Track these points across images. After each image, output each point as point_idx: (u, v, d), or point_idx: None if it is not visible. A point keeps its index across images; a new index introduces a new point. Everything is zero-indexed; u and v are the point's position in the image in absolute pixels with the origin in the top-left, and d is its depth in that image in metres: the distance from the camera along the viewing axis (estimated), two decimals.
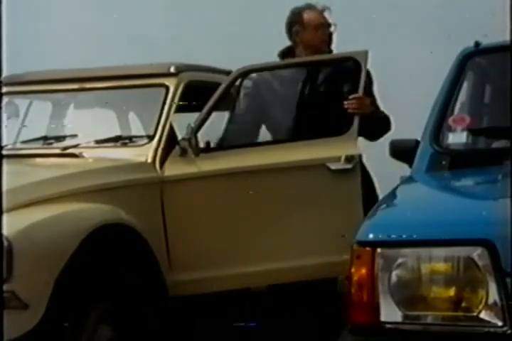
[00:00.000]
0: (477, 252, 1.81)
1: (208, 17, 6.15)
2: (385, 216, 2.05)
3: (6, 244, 2.53)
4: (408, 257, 1.87)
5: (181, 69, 3.66)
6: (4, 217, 2.62)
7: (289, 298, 4.28)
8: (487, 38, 2.85)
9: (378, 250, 1.88)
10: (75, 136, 3.65)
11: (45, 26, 6.31)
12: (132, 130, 3.97)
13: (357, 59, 3.42)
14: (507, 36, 2.21)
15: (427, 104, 2.81)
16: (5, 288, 2.51)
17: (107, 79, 3.70)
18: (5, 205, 2.67)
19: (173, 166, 3.39)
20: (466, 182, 2.46)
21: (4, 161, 3.34)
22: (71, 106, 4.02)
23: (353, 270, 1.92)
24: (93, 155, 3.44)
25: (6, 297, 2.52)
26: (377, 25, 3.63)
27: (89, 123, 3.75)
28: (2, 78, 3.87)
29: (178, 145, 3.37)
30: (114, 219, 2.96)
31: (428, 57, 4.81)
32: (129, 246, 3.00)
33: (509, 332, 1.77)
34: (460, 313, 1.83)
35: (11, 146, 3.66)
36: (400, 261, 1.87)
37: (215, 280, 3.37)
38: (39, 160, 3.57)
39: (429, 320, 1.85)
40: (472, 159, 2.53)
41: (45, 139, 3.71)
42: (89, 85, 3.73)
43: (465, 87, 2.88)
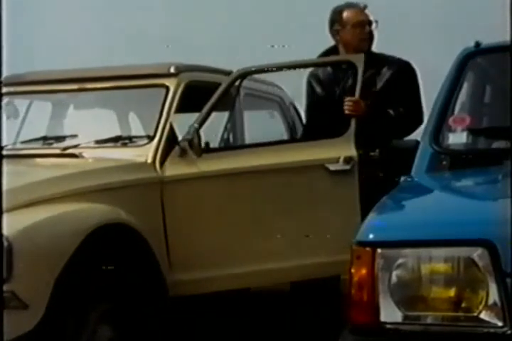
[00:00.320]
0: (477, 252, 1.80)
1: (208, 17, 6.16)
2: (385, 216, 2.04)
3: (6, 244, 2.52)
4: (408, 257, 1.86)
5: (181, 70, 3.65)
6: (4, 217, 2.62)
7: (290, 298, 4.28)
8: (487, 38, 2.85)
9: (378, 250, 1.88)
10: (75, 136, 3.65)
11: (46, 26, 6.31)
12: (132, 130, 3.97)
13: (353, 62, 3.50)
14: (507, 36, 2.21)
15: (427, 104, 2.81)
16: (5, 288, 2.50)
17: (107, 80, 3.69)
18: (5, 205, 2.67)
19: (173, 166, 3.39)
20: (466, 182, 2.46)
21: (4, 161, 3.34)
22: (71, 107, 4.02)
23: (353, 270, 1.92)
24: (93, 156, 3.44)
25: (6, 297, 2.51)
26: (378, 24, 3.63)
27: (89, 123, 3.75)
28: (2, 78, 3.88)
29: (178, 146, 3.37)
30: (114, 219, 2.96)
31: (428, 57, 4.82)
32: (129, 246, 3.00)
33: (509, 332, 1.77)
34: (460, 313, 1.82)
35: (11, 146, 3.66)
36: (400, 261, 1.87)
37: (215, 280, 3.39)
38: (39, 160, 3.57)
39: (429, 320, 1.85)
40: (472, 159, 2.52)
41: (45, 139, 3.71)
42: (89, 85, 3.73)
43: (465, 87, 2.88)
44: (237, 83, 3.56)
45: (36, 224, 2.69)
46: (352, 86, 3.45)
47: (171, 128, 3.51)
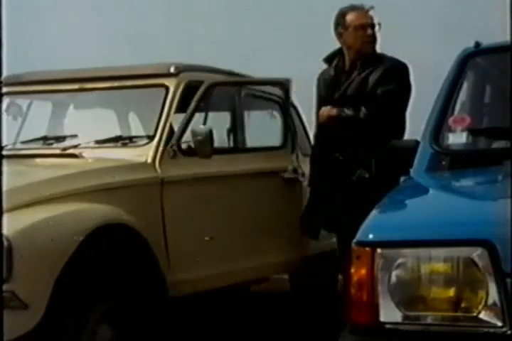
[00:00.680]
0: (477, 252, 1.80)
1: (208, 17, 6.16)
2: (384, 216, 2.04)
3: (6, 243, 2.52)
4: (408, 257, 1.86)
5: (181, 70, 3.65)
6: (4, 217, 2.62)
7: (290, 298, 4.28)
8: (487, 38, 2.84)
9: (378, 250, 1.88)
10: (75, 136, 3.65)
11: (46, 26, 6.31)
12: (132, 130, 3.97)
13: (285, 84, 3.76)
14: (507, 36, 2.20)
15: (427, 104, 2.81)
16: (5, 288, 2.50)
17: (107, 80, 3.69)
18: (5, 205, 2.66)
19: (173, 166, 3.39)
20: (466, 182, 2.46)
21: (4, 161, 3.34)
22: (71, 107, 4.02)
23: (352, 270, 1.92)
24: (93, 156, 3.44)
25: (6, 297, 2.50)
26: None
27: (90, 123, 3.75)
28: (2, 78, 3.88)
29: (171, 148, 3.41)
30: (114, 220, 2.96)
31: (428, 57, 4.82)
32: (129, 246, 2.99)
33: (509, 332, 1.77)
34: (460, 314, 1.82)
35: (11, 146, 3.66)
36: (400, 261, 1.87)
37: (211, 277, 3.45)
38: (39, 160, 3.57)
39: (429, 320, 1.85)
40: (472, 159, 2.52)
41: (45, 139, 3.71)
42: (89, 85, 3.73)
43: (465, 87, 2.88)
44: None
45: (36, 224, 2.69)
46: (349, 86, 3.52)
47: (171, 128, 3.51)
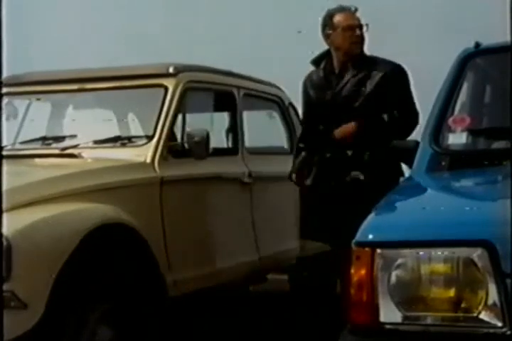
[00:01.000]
0: (477, 253, 1.80)
1: (208, 17, 6.15)
2: (384, 216, 2.04)
3: (5, 243, 2.52)
4: (408, 258, 1.86)
5: (180, 70, 3.65)
6: (4, 217, 2.62)
7: (289, 298, 4.28)
8: (487, 38, 2.84)
9: (378, 250, 1.88)
10: (74, 136, 3.66)
11: (46, 26, 6.31)
12: (131, 130, 3.97)
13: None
14: (507, 36, 2.20)
15: (426, 104, 2.81)
16: (4, 287, 2.49)
17: (106, 80, 3.69)
18: (4, 205, 2.66)
19: (172, 166, 3.40)
20: (465, 182, 2.46)
21: (4, 162, 3.34)
22: (70, 107, 4.02)
23: (352, 270, 1.91)
24: (92, 156, 3.44)
25: (6, 296, 2.50)
26: (377, 25, 3.61)
27: (89, 123, 3.75)
28: (2, 79, 3.88)
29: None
30: (113, 219, 2.95)
31: (428, 58, 4.82)
32: (128, 246, 2.99)
33: (509, 332, 1.77)
34: (460, 314, 1.82)
35: (10, 147, 3.66)
36: (400, 261, 1.87)
37: (210, 275, 3.48)
38: (38, 160, 3.57)
39: (429, 320, 1.85)
40: (472, 160, 2.52)
41: (44, 140, 3.71)
42: (88, 86, 3.72)
43: (465, 88, 2.87)
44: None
45: (35, 224, 2.69)
46: (343, 89, 3.47)
47: (170, 128, 3.51)
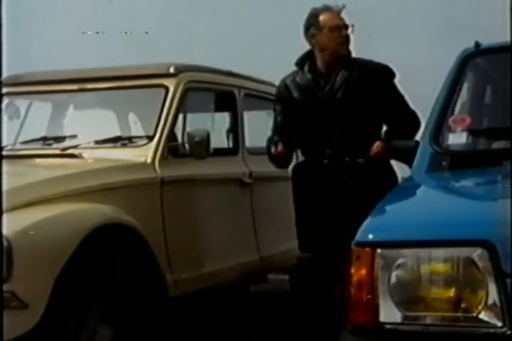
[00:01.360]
0: (477, 253, 1.80)
1: (208, 17, 6.15)
2: (384, 216, 2.04)
3: (5, 243, 2.52)
4: (408, 258, 1.86)
5: (181, 70, 3.66)
6: (4, 217, 2.62)
7: (288, 299, 4.28)
8: (488, 39, 2.84)
9: (378, 250, 1.88)
10: (74, 136, 3.66)
11: (45, 26, 6.31)
12: (132, 130, 3.98)
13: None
14: (507, 36, 2.20)
15: (426, 104, 2.81)
16: (5, 288, 2.50)
17: (106, 80, 3.70)
18: (5, 205, 2.67)
19: (173, 167, 3.40)
20: (466, 182, 2.46)
21: (4, 162, 3.34)
22: (71, 107, 4.02)
23: (352, 270, 1.91)
24: (93, 156, 3.44)
25: (6, 297, 2.50)
26: (379, 24, 3.60)
27: (89, 123, 3.75)
28: (2, 79, 3.88)
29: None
30: (113, 220, 2.96)
31: (428, 58, 4.82)
32: (129, 246, 3.00)
33: (509, 332, 1.77)
34: (460, 314, 1.82)
35: (10, 147, 3.67)
36: (400, 261, 1.87)
37: (210, 275, 3.49)
38: (39, 160, 3.57)
39: (429, 320, 1.85)
40: (472, 160, 2.52)
41: (44, 140, 3.72)
42: (88, 86, 3.73)
43: (465, 88, 2.87)
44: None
45: (36, 224, 2.69)
46: (337, 90, 3.36)
47: (171, 128, 3.51)
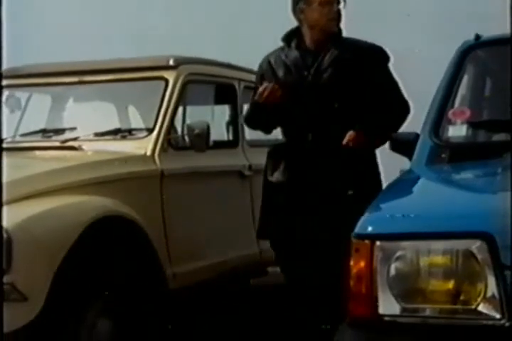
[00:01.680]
0: (476, 245, 1.80)
1: (209, 10, 6.14)
2: (384, 209, 2.04)
3: (5, 236, 2.53)
4: (407, 250, 1.86)
5: (180, 62, 3.65)
6: (4, 210, 2.62)
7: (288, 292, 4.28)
8: (488, 31, 2.83)
9: (377, 243, 1.88)
10: (74, 128, 3.66)
11: (46, 21, 6.29)
12: (132, 123, 3.97)
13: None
14: (507, 29, 2.20)
15: (427, 97, 2.80)
16: (4, 280, 2.50)
17: (106, 72, 3.69)
18: (5, 198, 2.67)
19: (172, 159, 3.40)
20: (465, 175, 2.46)
21: (4, 154, 3.34)
22: (70, 99, 4.02)
23: (351, 263, 1.91)
24: (92, 148, 3.44)
25: (6, 289, 2.51)
26: (378, 16, 3.58)
27: (89, 116, 3.75)
28: (2, 71, 3.87)
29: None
30: (113, 212, 2.96)
31: (429, 50, 4.80)
32: (129, 239, 3.00)
33: (507, 324, 1.77)
34: (458, 306, 1.82)
35: (10, 139, 3.67)
36: (399, 253, 1.87)
37: (209, 268, 3.49)
38: (38, 152, 3.57)
39: (428, 312, 1.85)
40: (472, 152, 2.52)
41: (44, 132, 3.72)
42: (88, 78, 3.72)
43: (465, 80, 2.87)
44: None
45: (35, 217, 2.69)
46: (325, 70, 3.09)
47: (171, 121, 3.51)
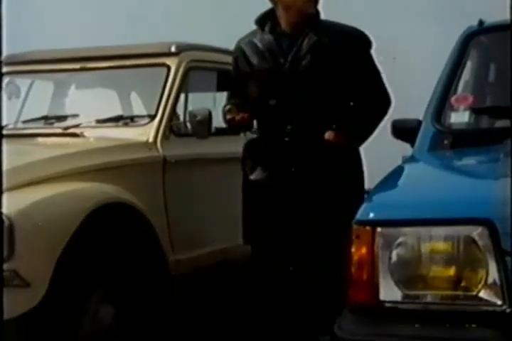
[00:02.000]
0: (477, 231, 1.80)
1: (208, 13, 6.09)
2: (385, 195, 2.04)
3: (7, 222, 2.53)
4: (408, 236, 1.86)
5: (182, 49, 3.64)
6: (5, 196, 2.63)
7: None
8: (490, 17, 2.82)
9: (378, 229, 1.88)
10: (76, 115, 3.65)
11: (46, 21, 6.26)
12: (134, 110, 3.97)
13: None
14: (507, 14, 2.18)
15: (430, 83, 2.79)
16: (7, 266, 2.51)
17: (108, 59, 3.68)
18: (6, 184, 2.67)
19: (174, 146, 3.40)
20: (467, 161, 2.45)
21: (5, 141, 3.34)
22: (73, 86, 4.01)
23: (353, 249, 1.92)
24: (94, 135, 3.44)
25: (8, 275, 2.52)
26: (380, 3, 3.56)
27: (91, 102, 3.74)
28: (3, 58, 3.86)
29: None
30: (115, 199, 2.96)
31: (431, 36, 4.78)
32: (131, 226, 3.00)
33: (508, 310, 1.77)
34: (459, 292, 1.83)
35: (12, 126, 3.67)
36: (400, 240, 1.87)
37: (210, 255, 3.48)
38: (40, 139, 3.57)
39: (429, 299, 1.85)
40: (474, 138, 2.51)
41: (46, 119, 3.71)
42: (90, 65, 3.71)
43: (468, 66, 2.85)
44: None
45: (37, 203, 2.70)
46: (303, 56, 2.87)
47: (173, 107, 3.50)
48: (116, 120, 3.55)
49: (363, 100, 2.94)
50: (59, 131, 3.53)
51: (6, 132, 3.55)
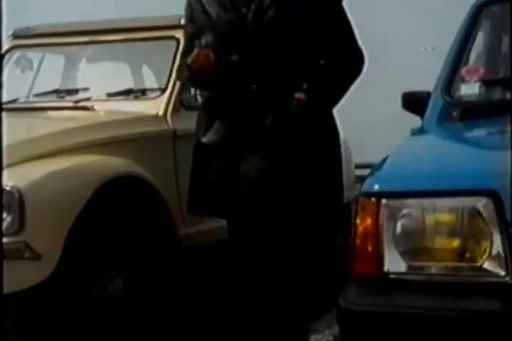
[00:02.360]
0: (482, 203, 1.80)
1: None
2: (391, 167, 2.03)
3: (17, 195, 2.55)
4: (413, 208, 1.86)
5: None
6: (16, 169, 2.65)
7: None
8: None
9: (383, 201, 1.88)
10: (87, 89, 3.66)
11: (46, 21, 6.23)
12: (146, 83, 3.96)
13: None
14: None
15: (441, 55, 2.76)
16: (17, 239, 2.54)
17: (117, 32, 3.67)
18: (16, 157, 2.69)
19: (185, 119, 3.39)
20: (475, 133, 2.43)
21: (17, 114, 3.36)
22: (83, 60, 4.01)
23: (357, 221, 1.92)
24: (105, 108, 3.44)
25: (19, 248, 2.55)
26: None
27: (102, 76, 3.74)
28: (13, 31, 3.87)
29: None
30: (125, 172, 2.97)
31: (443, 6, 4.71)
32: (142, 199, 3.02)
33: (510, 282, 1.77)
34: (464, 264, 1.83)
35: (24, 99, 3.68)
36: (405, 211, 1.87)
37: (220, 229, 3.44)
38: (51, 113, 3.58)
39: (433, 270, 1.85)
40: (484, 110, 2.49)
41: (57, 92, 3.72)
42: (100, 38, 3.71)
43: (480, 37, 2.81)
44: None
45: (48, 176, 2.71)
46: (268, 6, 2.56)
47: None
48: (127, 93, 3.55)
49: (334, 57, 2.65)
50: (70, 104, 3.54)
51: (17, 106, 3.59)
